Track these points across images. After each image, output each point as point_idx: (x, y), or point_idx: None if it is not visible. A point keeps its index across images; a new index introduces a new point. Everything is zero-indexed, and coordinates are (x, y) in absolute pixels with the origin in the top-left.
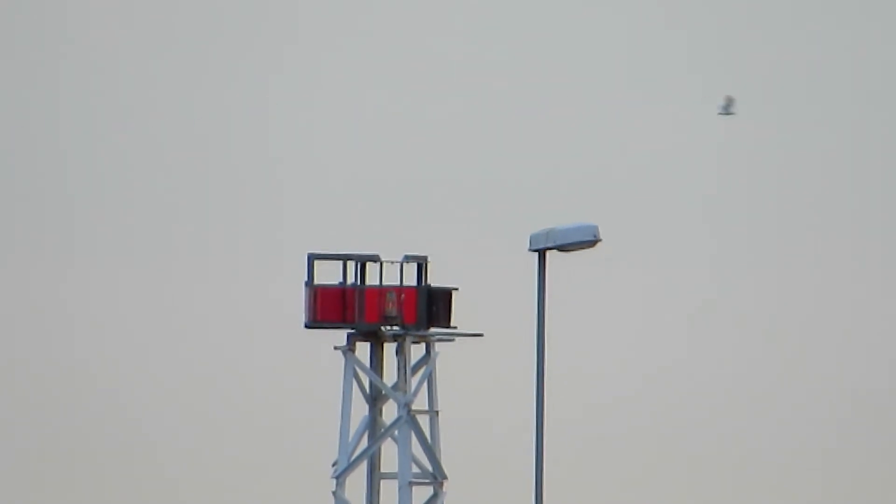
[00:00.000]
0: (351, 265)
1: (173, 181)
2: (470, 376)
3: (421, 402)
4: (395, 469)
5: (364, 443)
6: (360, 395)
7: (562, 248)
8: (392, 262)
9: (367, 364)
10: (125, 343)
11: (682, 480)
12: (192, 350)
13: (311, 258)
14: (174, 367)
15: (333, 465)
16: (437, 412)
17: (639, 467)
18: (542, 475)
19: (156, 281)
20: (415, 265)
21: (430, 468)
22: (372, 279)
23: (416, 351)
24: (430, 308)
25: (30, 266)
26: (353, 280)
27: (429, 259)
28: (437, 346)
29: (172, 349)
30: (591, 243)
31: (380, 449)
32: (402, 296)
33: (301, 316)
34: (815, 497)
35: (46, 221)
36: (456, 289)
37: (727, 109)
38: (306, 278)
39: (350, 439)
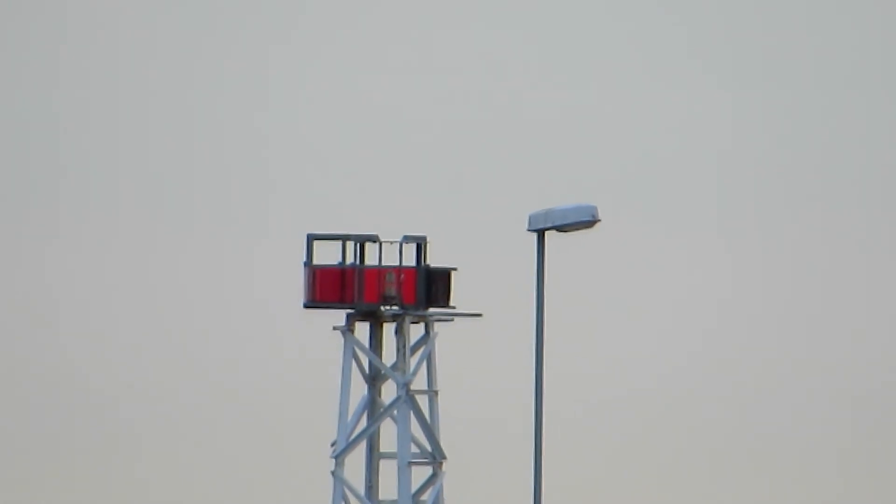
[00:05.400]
0: (350, 245)
1: (162, 163)
2: (469, 356)
3: (420, 383)
4: (394, 449)
5: (363, 423)
6: (359, 375)
7: (560, 229)
8: (391, 243)
9: (367, 344)
10: (113, 324)
11: (684, 474)
12: (189, 331)
13: (310, 238)
14: (169, 349)
15: (332, 444)
16: (436, 392)
17: (638, 446)
18: (541, 455)
19: (147, 261)
20: (414, 245)
21: (429, 448)
22: (371, 259)
23: (415, 331)
24: (429, 288)
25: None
26: (353, 260)
27: (428, 239)
28: (436, 327)
29: (167, 330)
30: (590, 223)
31: (379, 429)
32: (402, 276)
33: (300, 296)
34: (834, 493)
35: (29, 206)
36: (455, 269)
37: None
38: (305, 258)
39: (349, 419)
